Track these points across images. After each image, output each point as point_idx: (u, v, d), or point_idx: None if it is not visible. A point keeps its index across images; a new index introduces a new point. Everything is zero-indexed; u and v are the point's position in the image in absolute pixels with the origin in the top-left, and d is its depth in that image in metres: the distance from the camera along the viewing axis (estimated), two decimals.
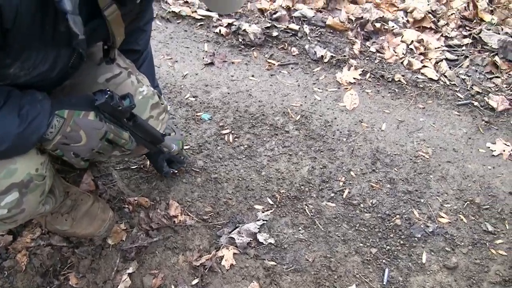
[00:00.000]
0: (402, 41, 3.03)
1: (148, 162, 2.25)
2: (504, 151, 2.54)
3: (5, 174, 1.23)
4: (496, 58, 2.97)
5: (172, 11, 3.14)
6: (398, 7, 3.27)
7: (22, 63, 1.10)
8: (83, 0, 1.04)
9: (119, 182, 2.18)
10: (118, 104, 1.34)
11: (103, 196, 2.10)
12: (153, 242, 2.01)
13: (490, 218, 2.25)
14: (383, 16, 3.11)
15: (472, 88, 2.84)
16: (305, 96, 2.70)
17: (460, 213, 2.25)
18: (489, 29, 3.13)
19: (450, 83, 2.86)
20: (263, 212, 2.15)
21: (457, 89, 2.84)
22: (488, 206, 2.29)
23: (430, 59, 2.95)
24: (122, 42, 1.35)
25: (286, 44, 2.99)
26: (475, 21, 3.23)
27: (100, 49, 1.47)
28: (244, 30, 2.95)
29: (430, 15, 3.18)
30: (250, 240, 2.04)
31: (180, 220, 2.08)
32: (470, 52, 3.03)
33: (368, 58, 2.96)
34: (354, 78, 2.81)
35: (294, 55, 2.94)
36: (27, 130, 1.16)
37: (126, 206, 2.10)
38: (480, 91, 2.83)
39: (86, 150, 1.34)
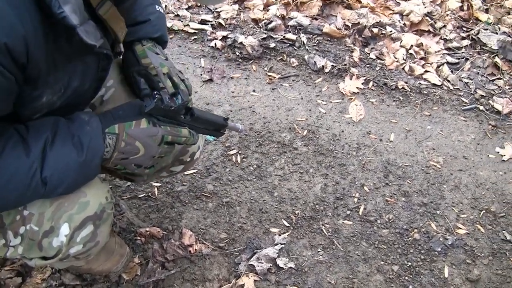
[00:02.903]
0: (401, 46, 2.99)
1: (156, 190, 2.17)
2: None
3: (78, 209, 1.18)
4: (497, 59, 2.95)
5: None
6: (393, 10, 3.22)
7: (52, 88, 1.04)
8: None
9: (128, 213, 2.08)
10: (170, 105, 1.25)
11: (112, 229, 2.01)
12: (170, 274, 1.92)
13: (507, 226, 2.22)
14: (379, 21, 3.06)
15: (476, 92, 2.81)
16: (310, 110, 2.64)
17: (477, 223, 2.23)
18: (486, 29, 3.11)
19: (453, 88, 2.83)
20: (279, 235, 2.08)
21: (461, 94, 2.81)
22: (504, 214, 2.26)
23: (431, 64, 2.92)
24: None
25: (284, 55, 2.92)
26: (471, 21, 3.21)
27: None
28: (241, 43, 2.86)
29: (427, 17, 3.14)
30: (270, 266, 1.97)
31: (195, 249, 2.00)
32: (470, 54, 3.00)
33: (369, 65, 2.91)
34: (357, 88, 2.76)
35: (294, 67, 2.87)
36: (88, 157, 1.11)
37: (138, 238, 2.01)
38: (484, 94, 2.80)
39: (147, 159, 1.27)
